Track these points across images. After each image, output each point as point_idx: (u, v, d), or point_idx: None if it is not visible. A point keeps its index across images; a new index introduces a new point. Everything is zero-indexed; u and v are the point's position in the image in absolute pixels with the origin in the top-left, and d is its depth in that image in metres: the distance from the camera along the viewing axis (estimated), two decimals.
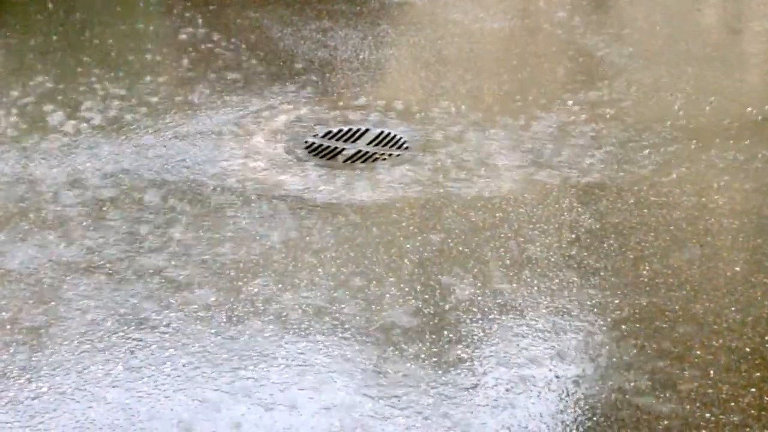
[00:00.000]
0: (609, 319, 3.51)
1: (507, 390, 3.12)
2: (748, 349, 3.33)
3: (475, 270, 3.84)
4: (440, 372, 3.22)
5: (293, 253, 3.99)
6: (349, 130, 5.35)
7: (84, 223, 4.26)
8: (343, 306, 3.60)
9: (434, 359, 3.28)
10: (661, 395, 3.09)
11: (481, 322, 3.49)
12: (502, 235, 4.12)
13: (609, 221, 4.24)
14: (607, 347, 3.35)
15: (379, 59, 6.61)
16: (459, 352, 3.32)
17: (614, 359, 3.28)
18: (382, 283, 3.75)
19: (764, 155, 4.91)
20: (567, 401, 3.07)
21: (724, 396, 3.09)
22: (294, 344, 3.37)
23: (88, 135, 5.25)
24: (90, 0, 8.25)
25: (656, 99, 5.78)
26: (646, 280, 3.77)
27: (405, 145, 5.13)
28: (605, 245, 4.03)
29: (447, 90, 5.99)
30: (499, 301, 3.63)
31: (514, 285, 3.73)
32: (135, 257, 3.96)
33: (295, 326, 3.47)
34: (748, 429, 2.95)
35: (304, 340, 3.39)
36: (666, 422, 2.97)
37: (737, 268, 3.86)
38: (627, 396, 3.09)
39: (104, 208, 4.40)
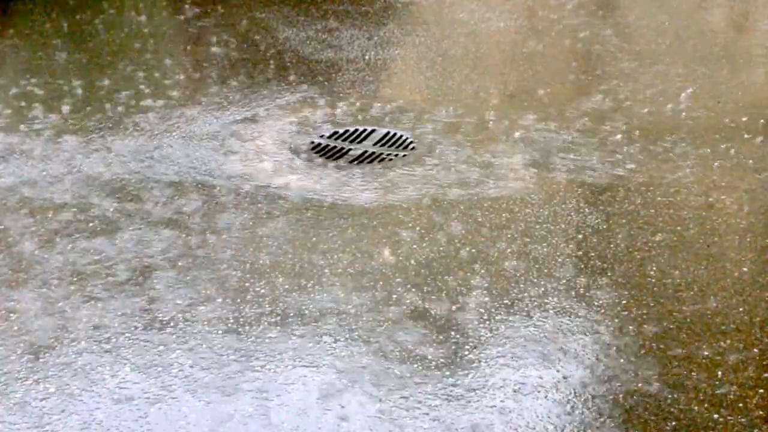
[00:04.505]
0: (616, 320, 3.50)
1: (515, 391, 3.12)
2: (756, 350, 3.32)
3: (482, 271, 3.84)
4: (448, 373, 3.21)
5: (300, 253, 3.99)
6: (356, 130, 5.35)
7: (90, 224, 4.26)
8: (350, 307, 3.60)
9: (442, 360, 3.28)
10: (669, 396, 3.08)
11: (488, 322, 3.49)
12: (509, 236, 4.11)
13: (616, 221, 4.24)
14: (615, 348, 3.34)
15: (386, 59, 6.61)
16: (466, 352, 3.32)
17: (622, 360, 3.27)
18: (389, 283, 3.75)
19: None
20: (575, 402, 3.07)
21: (732, 397, 3.08)
22: (301, 345, 3.37)
23: (94, 136, 5.26)
24: (95, 1, 8.26)
25: (663, 99, 5.77)
26: (653, 280, 3.76)
27: (411, 146, 5.12)
28: (612, 246, 4.03)
29: (453, 90, 5.99)
30: (506, 301, 3.62)
31: (521, 285, 3.73)
32: (142, 258, 3.97)
33: (301, 327, 3.47)
34: (756, 430, 2.94)
35: (311, 341, 3.39)
36: (674, 423, 2.97)
37: (745, 269, 3.85)
38: (634, 397, 3.09)
39: (110, 209, 4.40)
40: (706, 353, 3.31)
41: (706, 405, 3.05)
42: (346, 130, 5.34)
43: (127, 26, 7.54)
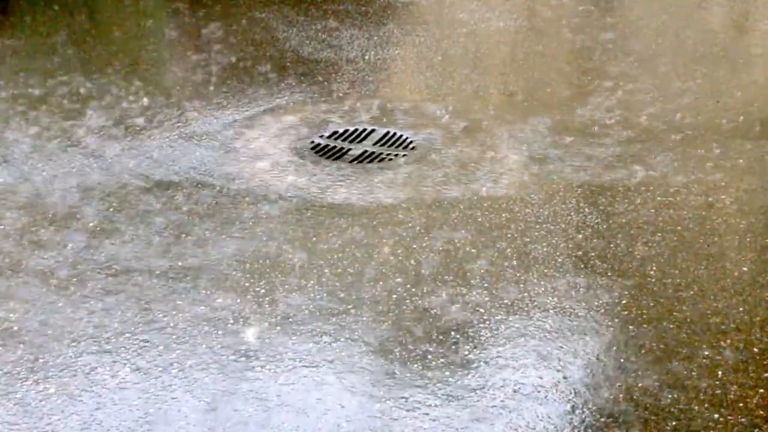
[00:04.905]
0: (616, 320, 3.50)
1: (514, 391, 3.12)
2: (756, 350, 3.32)
3: (482, 270, 3.84)
4: (447, 373, 3.21)
5: (300, 253, 3.99)
6: (356, 130, 5.34)
7: (90, 224, 4.26)
8: (350, 306, 3.60)
9: (441, 360, 3.28)
10: (669, 396, 3.08)
11: (488, 322, 3.49)
12: (509, 236, 4.11)
13: (616, 221, 4.24)
14: (615, 348, 3.34)
15: (385, 59, 6.61)
16: (466, 353, 3.32)
17: (622, 360, 3.27)
18: (389, 283, 3.75)
19: None
20: (575, 402, 3.07)
21: (732, 397, 3.08)
22: (301, 345, 3.37)
23: (94, 136, 5.26)
24: (95, 1, 8.26)
25: (663, 98, 5.77)
26: (653, 280, 3.76)
27: (411, 146, 5.12)
28: (612, 246, 4.03)
29: (453, 90, 5.98)
30: (506, 301, 3.62)
31: (521, 285, 3.73)
32: (142, 258, 3.96)
33: (302, 327, 3.47)
34: (756, 430, 2.94)
35: (311, 341, 3.39)
36: (674, 423, 2.96)
37: (745, 268, 3.85)
38: (635, 397, 3.08)
39: (110, 209, 4.40)
40: (706, 353, 3.31)
41: (706, 405, 3.04)
42: (346, 130, 5.34)
43: (127, 26, 7.54)
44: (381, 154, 5.03)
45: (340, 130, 5.34)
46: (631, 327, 3.46)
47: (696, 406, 3.04)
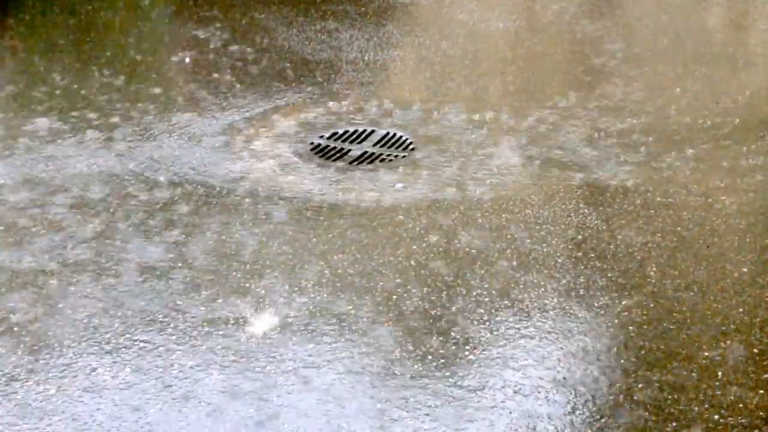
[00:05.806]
0: (616, 321, 3.50)
1: (515, 392, 3.12)
2: (756, 351, 3.32)
3: (482, 271, 3.84)
4: (448, 373, 3.22)
5: (300, 254, 3.99)
6: (355, 131, 5.35)
7: (90, 225, 4.26)
8: (350, 307, 3.60)
9: (442, 361, 3.28)
10: (669, 397, 3.09)
11: (488, 323, 3.49)
12: (509, 236, 4.11)
13: (616, 222, 4.24)
14: (615, 349, 3.34)
15: (385, 60, 6.61)
16: (466, 353, 3.32)
17: (622, 361, 3.28)
18: (389, 284, 3.75)
19: None
20: (574, 403, 3.07)
21: (732, 398, 3.08)
22: (301, 346, 3.37)
23: (93, 137, 5.25)
24: (95, 1, 8.26)
25: (662, 99, 5.77)
26: (653, 281, 3.76)
27: (411, 146, 5.12)
28: (612, 246, 4.03)
29: (452, 90, 5.99)
30: (506, 302, 3.62)
31: (521, 286, 3.73)
32: (142, 259, 3.96)
33: (302, 328, 3.47)
34: (756, 431, 2.94)
35: (311, 341, 3.39)
36: (674, 424, 2.97)
37: (744, 269, 3.85)
38: (635, 398, 3.09)
39: (111, 210, 4.40)
40: (706, 353, 3.31)
41: (706, 405, 3.05)
42: (346, 131, 5.34)
43: (127, 27, 7.54)
44: (381, 154, 5.03)
45: (340, 131, 5.34)
46: (630, 327, 3.46)
47: (696, 407, 3.04)
